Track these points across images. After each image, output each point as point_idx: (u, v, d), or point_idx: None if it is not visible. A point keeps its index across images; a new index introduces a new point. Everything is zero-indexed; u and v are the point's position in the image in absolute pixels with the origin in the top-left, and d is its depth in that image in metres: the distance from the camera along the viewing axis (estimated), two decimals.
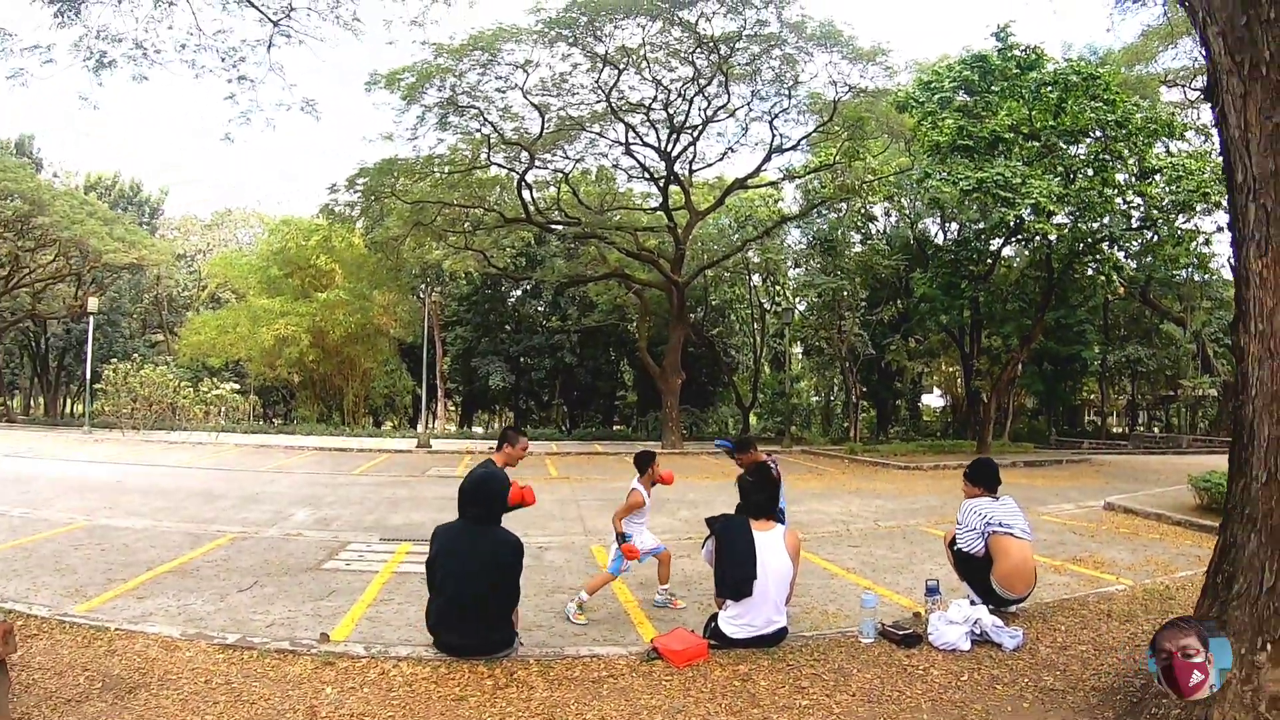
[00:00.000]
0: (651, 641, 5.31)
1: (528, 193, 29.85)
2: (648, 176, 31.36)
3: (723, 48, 24.43)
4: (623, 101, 26.88)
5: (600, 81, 25.75)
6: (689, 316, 34.85)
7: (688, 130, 28.97)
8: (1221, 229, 31.26)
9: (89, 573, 8.05)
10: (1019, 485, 16.36)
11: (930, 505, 14.98)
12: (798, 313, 42.18)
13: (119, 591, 7.33)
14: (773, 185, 35.00)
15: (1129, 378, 46.43)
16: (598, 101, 26.79)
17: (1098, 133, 22.21)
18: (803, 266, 38.93)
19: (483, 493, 5.24)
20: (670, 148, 29.36)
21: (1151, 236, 24.66)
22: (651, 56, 25.28)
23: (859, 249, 37.19)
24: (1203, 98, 4.40)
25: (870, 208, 36.17)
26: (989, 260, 30.55)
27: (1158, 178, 22.48)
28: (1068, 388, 43.35)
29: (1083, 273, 27.99)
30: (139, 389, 33.03)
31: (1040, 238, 24.30)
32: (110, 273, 42.90)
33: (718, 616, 5.42)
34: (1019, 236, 26.26)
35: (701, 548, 5.84)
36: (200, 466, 20.50)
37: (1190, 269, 31.75)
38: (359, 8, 23.24)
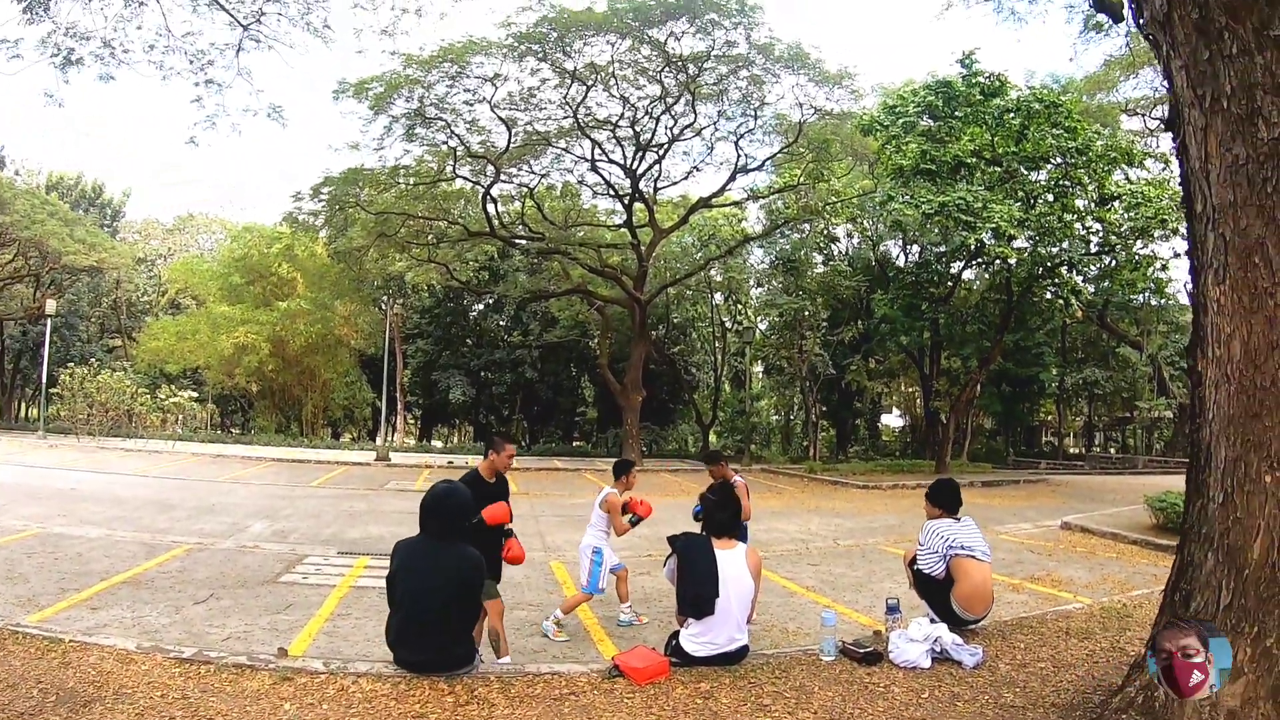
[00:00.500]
0: (613, 659, 5.26)
1: (492, 206, 29.81)
2: (613, 193, 31.46)
3: (691, 67, 24.62)
4: (590, 118, 26.97)
5: (568, 97, 25.82)
6: (650, 334, 34.87)
7: (654, 148, 29.10)
8: (1179, 255, 31.94)
9: (42, 582, 7.88)
10: (977, 505, 16.56)
11: (888, 524, 15.10)
12: (759, 332, 42.36)
13: (72, 602, 7.19)
14: (736, 205, 35.19)
15: (1086, 399, 47.34)
16: (565, 117, 26.85)
17: (1058, 159, 22.69)
18: (765, 286, 39.24)
19: (445, 508, 5.12)
20: (636, 165, 29.48)
21: (1109, 261, 25.12)
22: (620, 74, 25.39)
23: (821, 269, 37.46)
24: (1163, 127, 4.50)
25: (833, 229, 36.37)
26: (949, 283, 30.98)
27: (1117, 204, 23.02)
28: (1025, 409, 44.11)
29: (1041, 296, 28.45)
30: (96, 394, 32.45)
31: (1000, 261, 24.66)
32: (69, 275, 42.12)
33: (679, 634, 5.38)
34: (979, 260, 26.64)
35: (663, 566, 5.82)
36: (156, 475, 20.12)
37: (1147, 294, 32.29)
38: (330, 15, 23.10)
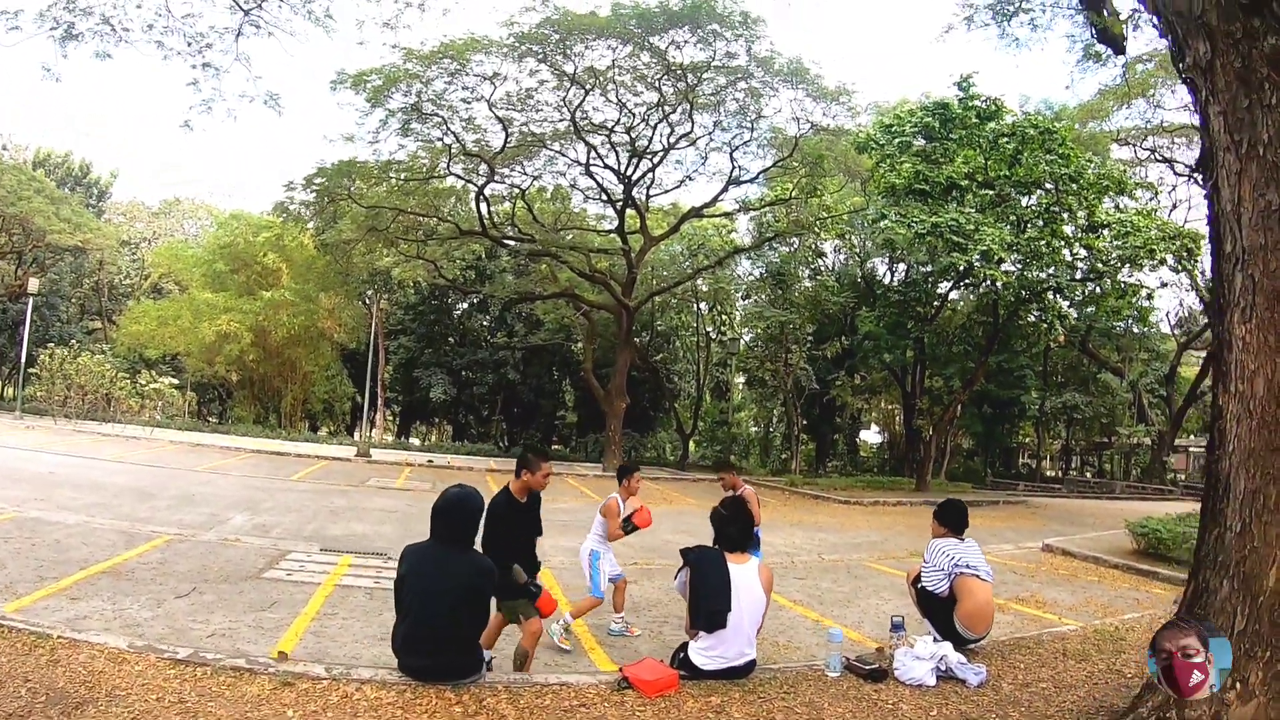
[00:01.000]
0: (621, 670, 5.20)
1: (484, 206, 29.73)
2: (605, 198, 31.47)
3: (690, 76, 24.66)
4: (586, 121, 26.95)
5: (566, 100, 25.81)
6: (636, 341, 34.88)
7: (648, 155, 29.12)
8: (1165, 285, 32.55)
9: (19, 568, 7.71)
10: None
11: (871, 540, 15.18)
12: (743, 343, 42.54)
13: (51, 590, 7.04)
14: (727, 216, 35.29)
15: (1064, 423, 47.81)
16: (561, 120, 26.83)
17: (1050, 185, 22.89)
18: (752, 298, 39.24)
19: (457, 514, 4.98)
20: (630, 171, 29.50)
21: (1095, 288, 25.39)
22: (619, 79, 25.42)
23: (808, 284, 37.48)
24: (1196, 168, 4.58)
25: (821, 244, 36.61)
26: (936, 303, 31.21)
27: (1105, 232, 23.25)
28: (1005, 430, 44.46)
29: (1026, 319, 28.74)
30: (75, 376, 31.96)
31: (988, 284, 24.84)
32: (53, 253, 41.51)
33: (688, 646, 5.36)
34: (967, 281, 26.80)
35: (674, 578, 5.78)
36: (134, 462, 19.81)
37: (1130, 321, 32.72)
38: (332, 4, 22.97)
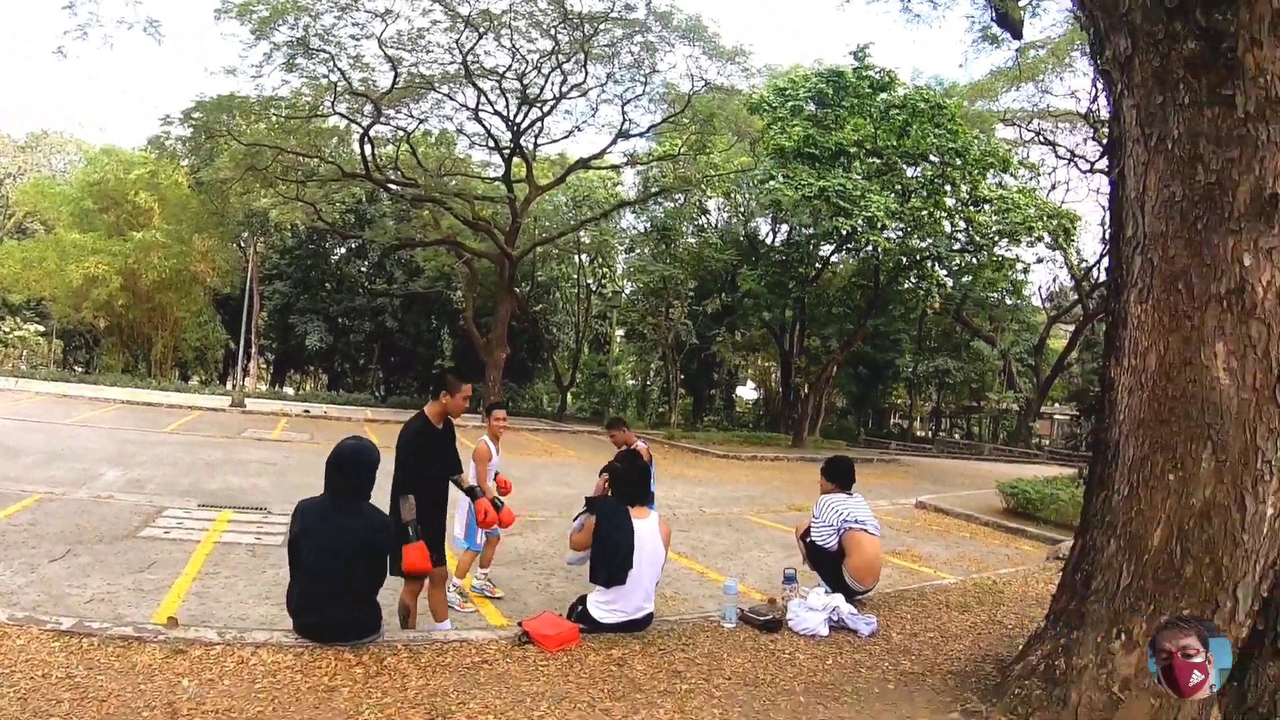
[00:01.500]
0: (521, 625, 5.21)
1: (368, 147, 28.73)
2: (492, 145, 30.85)
3: (587, 26, 24.26)
4: (478, 66, 26.19)
5: (458, 42, 24.94)
6: (516, 291, 34.60)
7: (539, 104, 28.60)
8: (1042, 260, 34.27)
9: None
10: None
11: (751, 494, 15.57)
12: (624, 296, 42.79)
13: None
14: (615, 169, 35.10)
15: (936, 387, 49.82)
16: (452, 62, 25.96)
17: (936, 158, 23.77)
18: (635, 252, 39.37)
19: (353, 467, 4.83)
20: (519, 119, 28.96)
21: (973, 260, 26.46)
22: (514, 24, 24.77)
23: (691, 240, 37.70)
24: (1103, 155, 4.85)
25: (706, 201, 36.97)
26: (818, 265, 31.99)
27: (986, 207, 24.31)
28: (879, 391, 46.19)
29: (905, 285, 29.82)
30: None
31: (870, 249, 25.62)
32: None
33: (586, 599, 5.42)
34: (850, 245, 27.57)
35: (574, 519, 5.75)
36: None
37: (1005, 293, 34.26)
38: None
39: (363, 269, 44.41)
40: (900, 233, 24.09)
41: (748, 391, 58.56)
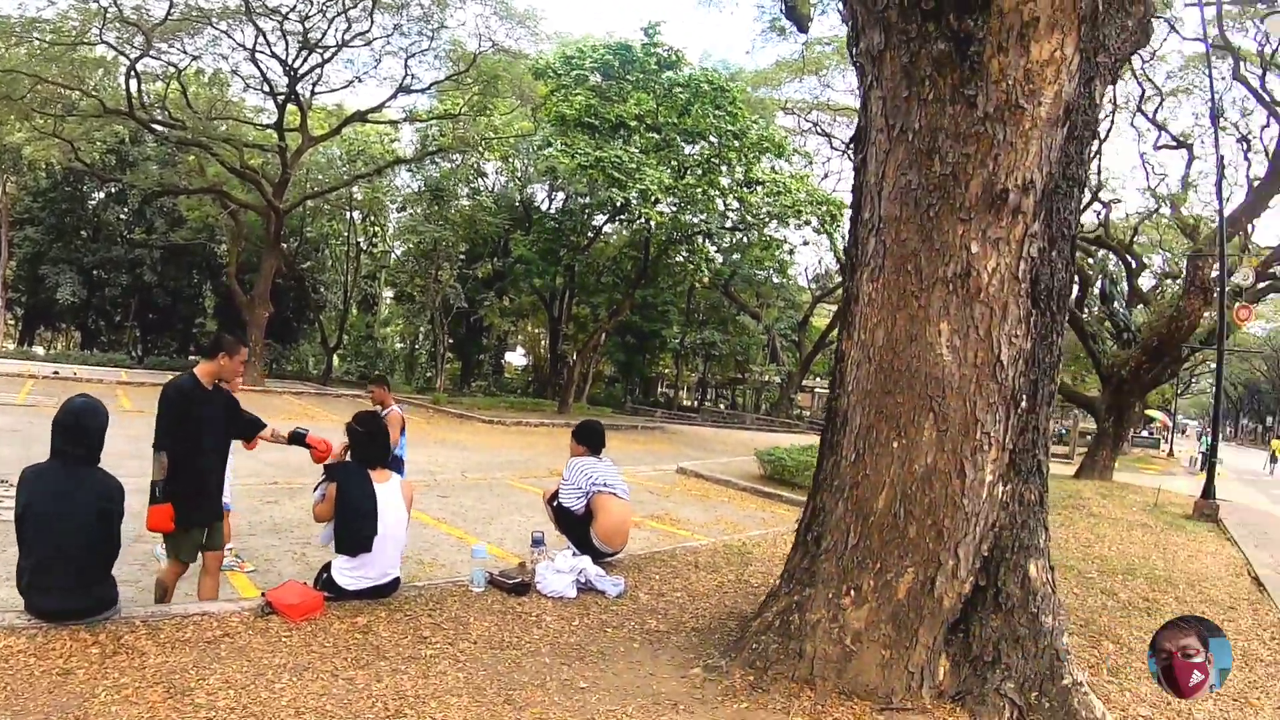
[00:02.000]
0: (264, 595, 5.03)
1: (134, 82, 25.94)
2: (267, 90, 28.81)
3: None
4: (260, 3, 24.30)
5: None
6: (283, 246, 32.76)
7: (320, 49, 27.06)
8: (807, 243, 36.30)
9: None
10: None
11: (514, 459, 15.67)
12: (394, 257, 41.74)
13: None
14: (393, 124, 33.86)
15: (703, 358, 51.87)
16: None
17: (714, 139, 24.51)
18: (407, 211, 38.57)
19: (80, 428, 4.42)
20: (298, 64, 27.20)
21: (743, 238, 27.66)
22: None
23: (466, 203, 37.28)
24: (850, 142, 5.16)
25: (484, 164, 36.55)
26: (590, 234, 32.42)
27: (760, 189, 25.44)
28: (646, 360, 47.44)
29: (675, 259, 30.72)
30: None
31: (643, 221, 26.19)
32: None
33: (330, 567, 5.28)
34: (623, 216, 28.09)
35: (315, 489, 5.57)
36: None
37: (771, 271, 35.99)
38: None
39: (122, 216, 40.41)
40: (674, 208, 24.73)
41: (517, 358, 58.54)
